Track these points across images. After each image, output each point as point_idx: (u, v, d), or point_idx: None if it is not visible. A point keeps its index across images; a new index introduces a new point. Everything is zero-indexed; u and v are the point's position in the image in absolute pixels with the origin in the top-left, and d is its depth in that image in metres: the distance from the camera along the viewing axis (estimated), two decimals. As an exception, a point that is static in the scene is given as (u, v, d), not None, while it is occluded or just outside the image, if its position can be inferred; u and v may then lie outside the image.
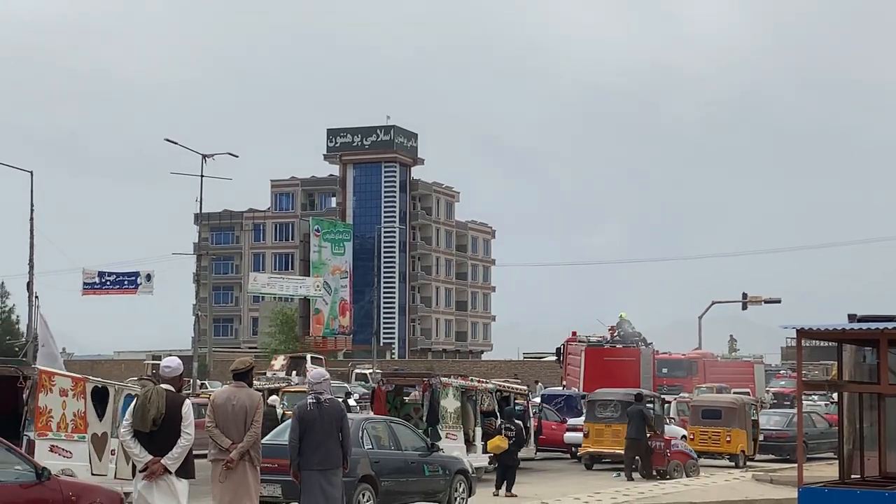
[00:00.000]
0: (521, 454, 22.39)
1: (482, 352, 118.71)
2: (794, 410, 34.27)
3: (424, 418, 22.77)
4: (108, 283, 63.25)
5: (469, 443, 23.51)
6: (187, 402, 9.99)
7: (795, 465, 26.95)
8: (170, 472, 9.64)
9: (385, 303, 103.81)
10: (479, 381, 25.69)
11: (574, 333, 44.03)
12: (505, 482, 20.73)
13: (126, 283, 62.74)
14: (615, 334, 43.56)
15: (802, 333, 8.80)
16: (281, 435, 15.89)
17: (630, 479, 23.11)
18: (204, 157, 52.54)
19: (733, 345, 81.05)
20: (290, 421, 17.00)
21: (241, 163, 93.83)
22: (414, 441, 17.73)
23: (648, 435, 24.03)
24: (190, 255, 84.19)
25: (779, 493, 19.39)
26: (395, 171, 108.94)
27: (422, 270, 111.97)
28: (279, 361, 53.65)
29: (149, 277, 61.97)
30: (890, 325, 8.45)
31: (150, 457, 9.63)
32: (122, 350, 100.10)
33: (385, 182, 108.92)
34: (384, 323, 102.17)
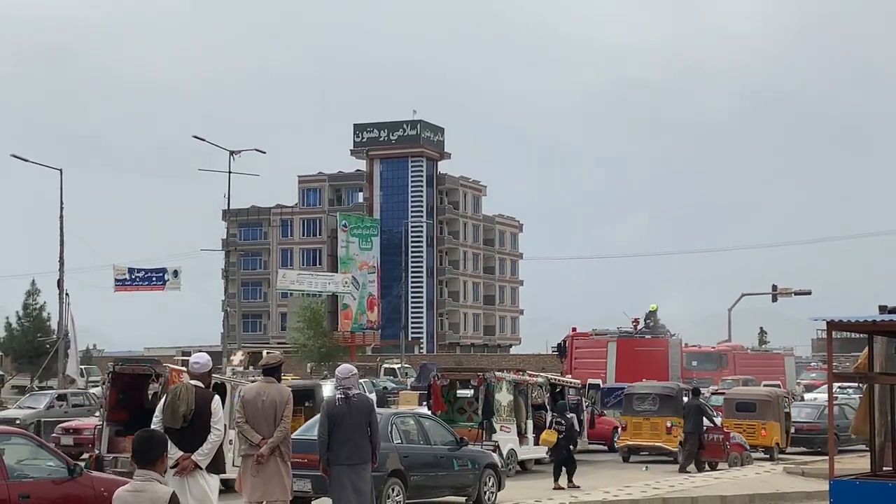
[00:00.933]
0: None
1: (510, 346, 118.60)
2: (825, 403, 34.17)
3: (480, 412, 23.46)
4: (138, 279, 63.60)
5: (521, 435, 24.19)
6: (216, 397, 10.03)
7: (827, 457, 26.91)
8: (200, 468, 9.69)
9: (413, 297, 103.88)
10: (529, 375, 26.27)
11: (574, 329, 44.40)
12: (564, 473, 20.80)
13: (154, 279, 63.02)
14: (639, 326, 43.52)
15: (833, 325, 8.74)
16: (311, 430, 15.94)
17: (685, 471, 23.25)
18: (231, 153, 52.80)
19: (763, 337, 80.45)
20: (318, 416, 17.14)
21: (268, 159, 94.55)
22: (443, 435, 17.74)
23: (705, 428, 24.37)
24: (218, 251, 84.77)
25: (810, 486, 19.30)
26: (421, 166, 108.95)
27: (449, 265, 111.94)
28: (238, 357, 54.26)
29: (176, 273, 62.20)
30: (921, 317, 8.37)
31: (181, 453, 9.68)
32: (152, 346, 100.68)
33: (412, 176, 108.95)
34: (412, 318, 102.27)
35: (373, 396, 31.95)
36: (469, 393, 24.98)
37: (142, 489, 6.48)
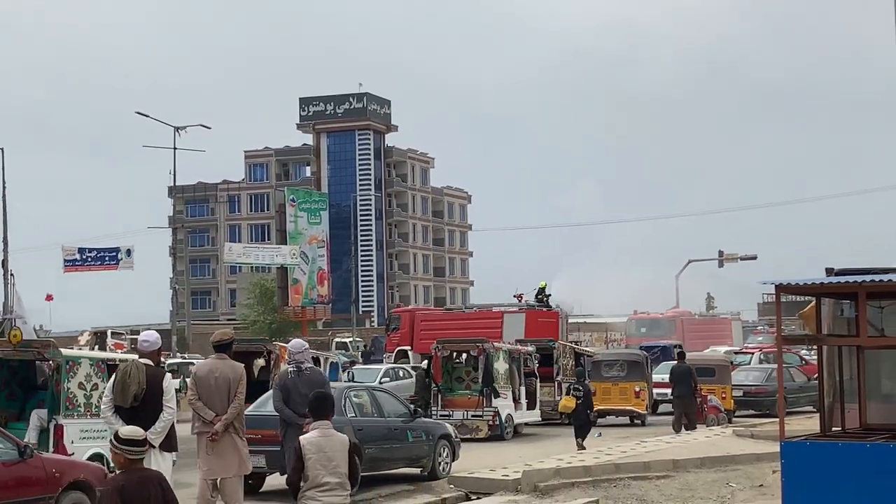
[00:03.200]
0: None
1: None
2: (772, 366, 34.64)
3: (480, 380, 24.99)
4: (90, 259, 62.87)
5: (516, 401, 25.78)
6: (168, 375, 9.95)
7: (775, 419, 27.43)
8: (153, 447, 9.59)
9: (363, 271, 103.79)
10: (521, 345, 28.02)
11: (399, 305, 46.98)
12: (580, 435, 21.85)
13: (107, 258, 62.36)
14: (523, 300, 45.64)
15: (781, 289, 8.83)
16: (263, 406, 15.90)
17: (677, 432, 23.80)
18: (176, 129, 52.30)
19: (711, 302, 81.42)
20: (270, 392, 17.10)
21: (213, 134, 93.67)
22: (397, 408, 17.77)
23: None
24: (165, 229, 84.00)
25: (760, 448, 19.59)
26: (369, 139, 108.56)
27: (399, 238, 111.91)
28: (84, 337, 54.34)
29: (129, 252, 61.62)
30: (868, 278, 8.49)
31: (133, 431, 9.57)
32: (100, 326, 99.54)
33: (359, 150, 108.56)
34: (363, 291, 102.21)
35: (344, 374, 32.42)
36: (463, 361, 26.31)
37: (329, 434, 8.13)
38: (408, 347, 44.92)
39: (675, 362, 26.55)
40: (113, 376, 9.87)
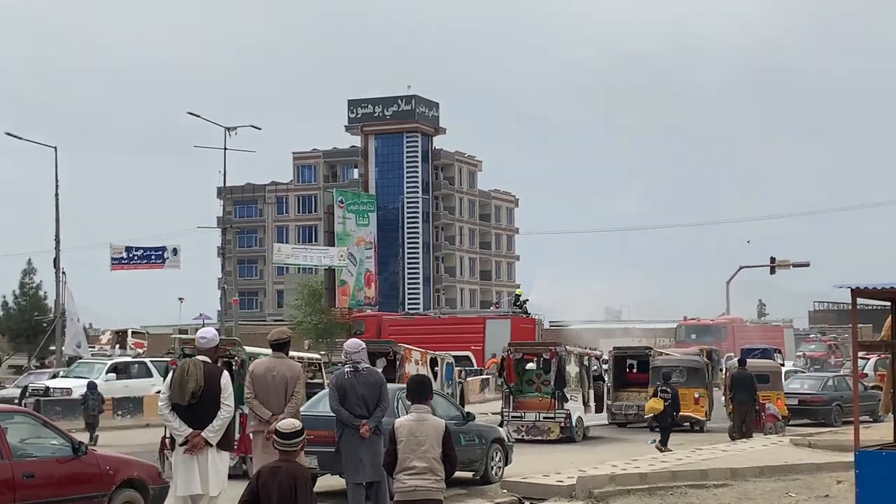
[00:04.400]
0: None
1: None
2: (827, 374, 34.05)
3: (552, 383, 25.43)
4: (136, 257, 63.38)
5: (585, 404, 26.32)
6: (225, 373, 9.81)
7: (831, 429, 26.89)
8: (210, 445, 9.46)
9: (409, 273, 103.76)
10: (590, 349, 28.74)
11: (362, 310, 46.75)
12: (665, 439, 22.22)
13: (153, 257, 62.82)
14: (499, 307, 46.26)
15: (857, 293, 8.53)
16: (315, 406, 15.75)
17: (734, 440, 23.62)
18: (227, 129, 52.45)
19: (762, 309, 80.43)
20: (323, 391, 16.99)
21: (262, 136, 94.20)
22: (449, 410, 17.55)
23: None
24: (214, 229, 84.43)
25: (818, 458, 19.17)
26: (416, 141, 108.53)
27: (445, 240, 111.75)
28: (106, 336, 54.62)
29: (175, 252, 61.99)
30: (951, 283, 8.17)
31: (190, 430, 9.45)
32: (148, 325, 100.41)
33: (407, 152, 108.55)
34: (409, 293, 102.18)
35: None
36: (534, 366, 26.64)
37: (423, 419, 8.20)
38: None
39: (737, 369, 25.99)
40: (170, 373, 9.76)
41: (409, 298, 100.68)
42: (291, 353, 13.43)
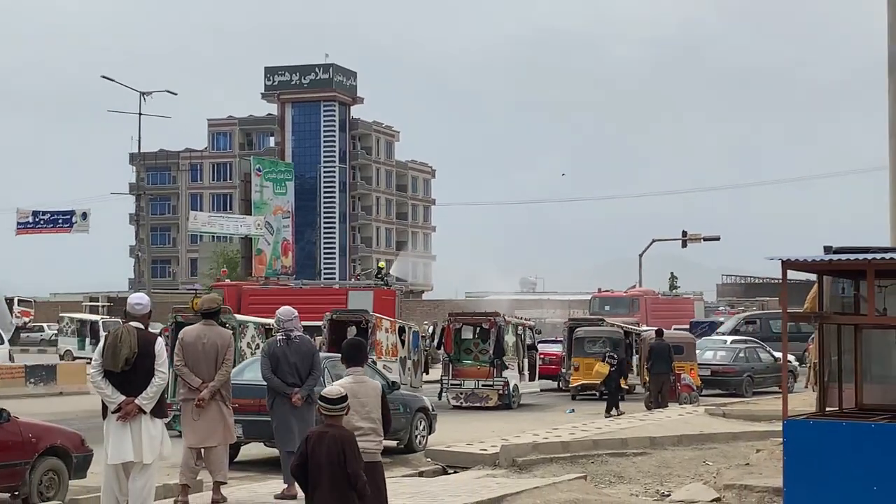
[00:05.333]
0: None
1: (422, 291, 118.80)
2: (739, 346, 34.74)
3: (492, 351, 26.38)
4: (43, 221, 61.92)
5: (520, 372, 27.36)
6: (160, 339, 9.66)
7: (743, 399, 27.53)
8: (144, 412, 9.32)
9: (326, 243, 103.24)
10: (526, 319, 29.76)
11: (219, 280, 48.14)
12: (610, 405, 23.59)
13: (61, 221, 61.46)
14: (359, 278, 47.01)
15: (788, 265, 8.72)
16: (241, 374, 15.64)
17: (650, 409, 24.01)
18: (142, 94, 51.55)
19: (673, 282, 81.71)
20: (252, 359, 16.87)
21: (177, 102, 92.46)
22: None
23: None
24: (127, 195, 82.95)
25: (733, 427, 19.65)
26: (334, 110, 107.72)
27: (362, 210, 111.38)
28: None
29: (84, 216, 60.78)
30: (878, 256, 8.40)
31: (123, 397, 9.30)
32: (59, 292, 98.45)
33: (325, 121, 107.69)
34: (325, 263, 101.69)
35: None
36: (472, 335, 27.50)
37: (363, 380, 8.39)
38: None
39: (654, 339, 26.44)
40: (103, 340, 9.57)
41: (325, 268, 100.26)
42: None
